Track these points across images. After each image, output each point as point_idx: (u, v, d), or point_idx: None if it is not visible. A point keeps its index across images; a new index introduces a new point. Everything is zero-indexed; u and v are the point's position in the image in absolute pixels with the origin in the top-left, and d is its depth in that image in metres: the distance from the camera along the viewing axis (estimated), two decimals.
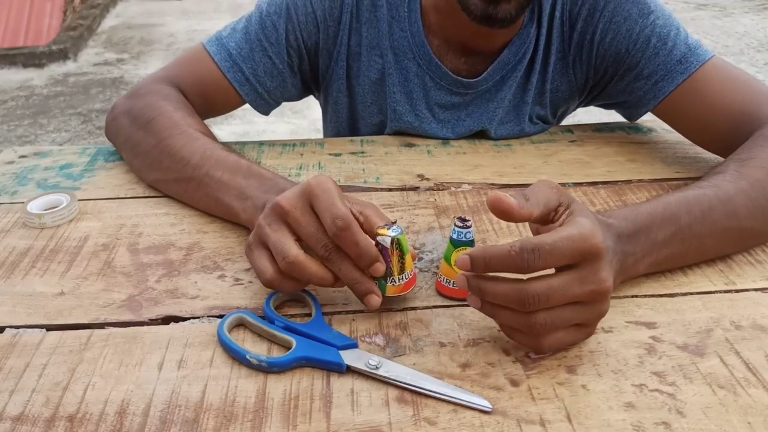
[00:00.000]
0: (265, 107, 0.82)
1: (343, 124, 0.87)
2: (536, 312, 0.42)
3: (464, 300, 0.51)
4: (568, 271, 0.42)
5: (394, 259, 0.48)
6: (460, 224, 0.50)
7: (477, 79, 0.78)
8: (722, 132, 0.70)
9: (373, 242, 0.48)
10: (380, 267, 0.48)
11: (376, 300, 0.49)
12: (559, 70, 0.80)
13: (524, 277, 0.42)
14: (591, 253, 0.42)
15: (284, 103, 0.88)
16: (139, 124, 0.70)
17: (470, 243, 0.50)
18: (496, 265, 0.42)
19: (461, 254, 0.43)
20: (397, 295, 0.50)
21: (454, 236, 0.50)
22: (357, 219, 0.48)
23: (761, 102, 0.68)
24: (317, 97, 0.91)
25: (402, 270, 0.49)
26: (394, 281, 0.49)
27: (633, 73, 0.75)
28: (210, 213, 0.64)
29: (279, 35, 0.77)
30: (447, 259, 0.51)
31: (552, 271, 0.43)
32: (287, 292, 0.51)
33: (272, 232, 0.49)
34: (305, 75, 0.83)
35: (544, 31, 0.77)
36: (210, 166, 0.62)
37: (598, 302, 0.44)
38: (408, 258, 0.49)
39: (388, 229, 0.48)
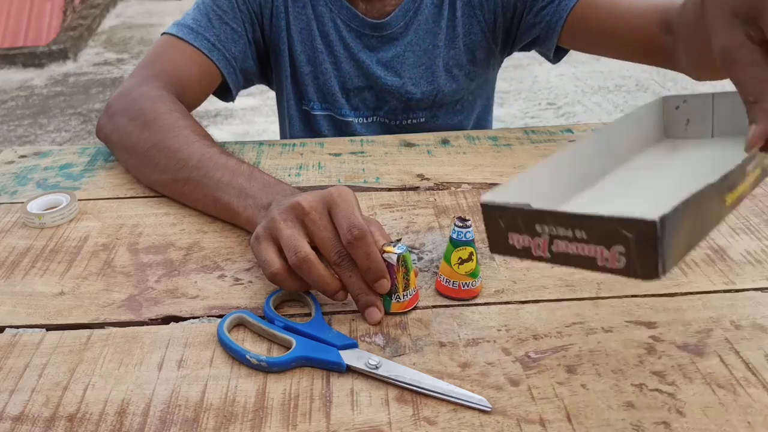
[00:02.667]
0: (234, 79, 0.85)
1: (288, 84, 0.91)
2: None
3: (464, 300, 0.51)
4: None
5: (399, 276, 0.49)
6: (460, 224, 0.50)
7: (382, 21, 0.86)
8: (637, 32, 0.76)
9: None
10: (386, 284, 0.49)
11: (377, 314, 0.49)
12: (467, 14, 0.88)
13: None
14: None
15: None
16: (136, 124, 0.70)
17: (470, 243, 0.50)
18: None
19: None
20: (400, 312, 0.50)
21: (454, 236, 0.50)
22: None
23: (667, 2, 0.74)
24: (270, 78, 0.96)
25: (406, 287, 0.49)
26: (398, 298, 0.49)
27: (537, 2, 0.83)
28: (208, 213, 0.64)
29: (231, 2, 0.83)
30: (447, 259, 0.51)
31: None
32: (289, 290, 0.51)
33: (287, 228, 0.49)
34: (259, 47, 0.88)
35: None
36: (209, 167, 0.62)
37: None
38: (412, 275, 0.49)
39: (394, 246, 0.49)
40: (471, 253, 0.50)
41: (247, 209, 0.58)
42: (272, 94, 1.00)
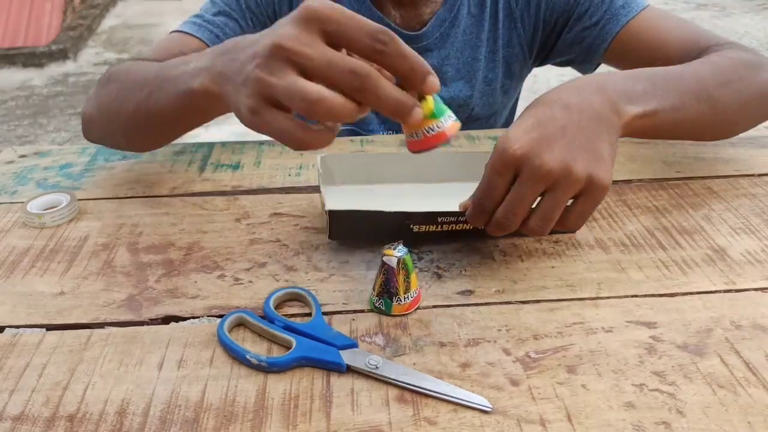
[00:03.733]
0: None
1: None
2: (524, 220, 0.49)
3: (437, 146, 0.44)
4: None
5: (400, 279, 0.48)
6: None
7: (416, 33, 0.83)
8: (674, 62, 0.77)
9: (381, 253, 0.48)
10: (435, 80, 0.41)
11: (419, 112, 0.41)
12: (508, 26, 0.85)
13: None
14: (515, 161, 0.48)
15: None
16: (103, 86, 0.68)
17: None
18: (475, 223, 0.52)
19: None
20: (402, 314, 0.50)
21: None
22: None
23: (699, 34, 0.77)
24: None
25: (407, 289, 0.49)
26: (400, 300, 0.49)
27: (581, 22, 0.81)
28: (177, 121, 0.58)
29: (240, 2, 0.81)
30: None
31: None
32: (319, 147, 0.42)
33: (279, 80, 0.39)
34: None
35: None
36: (166, 72, 0.55)
37: (556, 188, 0.48)
38: (413, 277, 0.49)
39: (394, 249, 0.48)
40: (421, 98, 0.42)
41: (197, 77, 0.48)
42: None
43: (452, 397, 0.42)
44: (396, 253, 0.48)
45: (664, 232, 0.60)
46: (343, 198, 0.61)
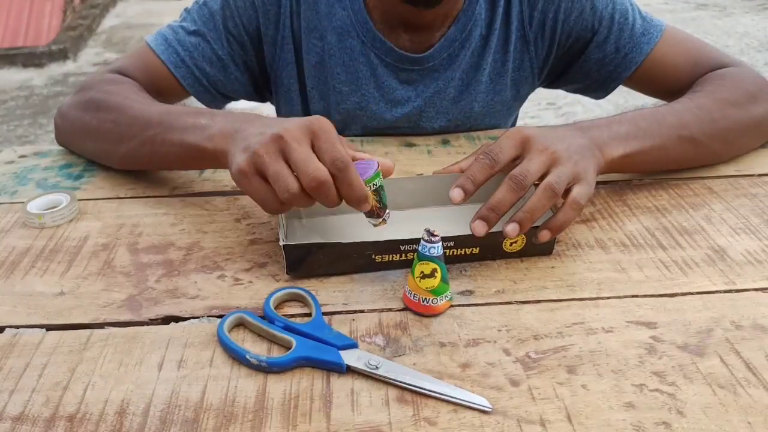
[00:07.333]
0: (208, 97, 0.81)
1: (299, 115, 0.86)
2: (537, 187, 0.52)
3: (425, 315, 0.50)
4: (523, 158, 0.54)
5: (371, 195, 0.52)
6: (427, 237, 0.48)
7: (423, 54, 0.79)
8: (687, 85, 0.78)
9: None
10: (367, 206, 0.52)
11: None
12: (520, 49, 0.82)
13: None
14: (525, 138, 0.55)
15: None
16: (92, 110, 0.71)
17: (434, 259, 0.48)
18: (476, 173, 0.54)
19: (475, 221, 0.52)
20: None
21: (419, 248, 0.48)
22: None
23: (709, 55, 0.80)
24: (271, 100, 0.90)
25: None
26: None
27: (601, 50, 0.80)
28: (179, 164, 0.66)
29: (216, 22, 0.77)
30: (411, 269, 0.49)
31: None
32: (279, 214, 0.55)
33: (273, 162, 0.51)
34: (253, 71, 0.82)
35: (500, 10, 0.79)
36: (171, 120, 0.63)
37: (560, 164, 0.54)
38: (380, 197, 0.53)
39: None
40: (434, 270, 0.48)
41: (212, 140, 0.58)
42: None
43: (452, 397, 0.42)
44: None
45: (664, 232, 0.60)
46: (307, 232, 0.60)
